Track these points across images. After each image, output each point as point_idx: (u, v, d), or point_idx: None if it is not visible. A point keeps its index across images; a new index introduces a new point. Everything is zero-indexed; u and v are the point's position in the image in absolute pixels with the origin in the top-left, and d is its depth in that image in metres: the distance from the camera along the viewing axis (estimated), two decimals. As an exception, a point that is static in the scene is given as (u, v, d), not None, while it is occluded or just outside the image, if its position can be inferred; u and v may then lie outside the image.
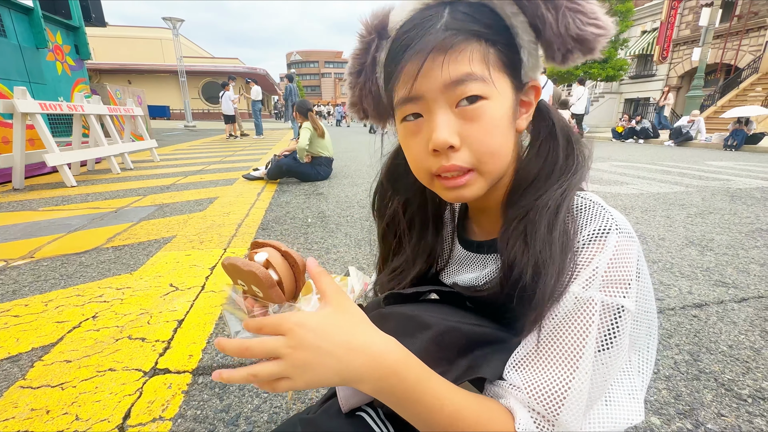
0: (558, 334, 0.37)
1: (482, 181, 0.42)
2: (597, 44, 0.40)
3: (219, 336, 1.26)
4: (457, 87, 0.38)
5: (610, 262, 0.37)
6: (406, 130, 0.43)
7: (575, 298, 0.37)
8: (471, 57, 0.38)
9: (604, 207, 0.40)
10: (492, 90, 0.39)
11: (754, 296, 1.58)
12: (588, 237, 0.38)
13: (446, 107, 0.39)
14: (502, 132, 0.40)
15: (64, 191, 3.53)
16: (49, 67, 4.74)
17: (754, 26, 14.48)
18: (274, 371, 0.34)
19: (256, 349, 0.34)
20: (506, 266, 0.41)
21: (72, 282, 1.65)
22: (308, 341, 0.34)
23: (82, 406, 0.95)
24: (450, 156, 0.40)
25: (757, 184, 4.12)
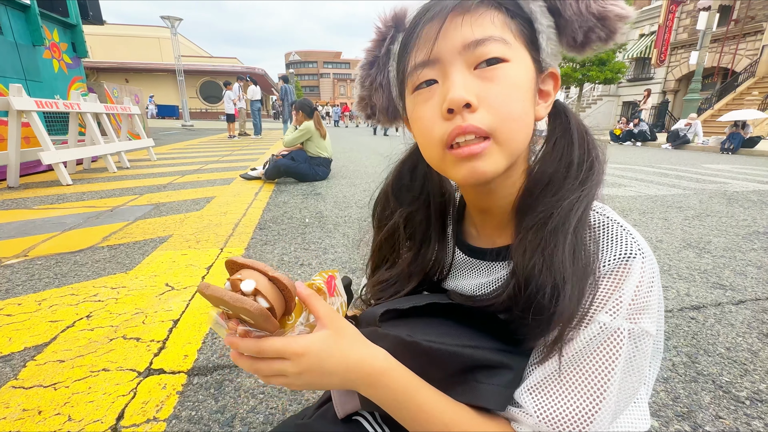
0: (582, 363, 0.36)
1: (500, 154, 0.38)
2: (618, 25, 0.38)
3: (216, 337, 1.25)
4: (477, 48, 0.36)
5: (637, 290, 0.35)
6: (418, 98, 0.40)
7: (602, 326, 0.35)
8: (493, 20, 0.37)
9: (623, 227, 0.38)
10: (514, 53, 0.37)
11: (751, 299, 1.59)
12: (613, 262, 0.36)
13: (464, 68, 0.37)
14: (523, 99, 0.38)
15: (60, 189, 3.50)
16: (45, 65, 4.70)
17: (750, 30, 14.59)
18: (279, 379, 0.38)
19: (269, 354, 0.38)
20: (521, 280, 0.39)
21: (66, 281, 1.63)
22: (312, 366, 0.37)
23: (75, 406, 0.94)
24: (466, 116, 0.36)
25: (753, 187, 4.14)
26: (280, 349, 0.37)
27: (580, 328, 0.36)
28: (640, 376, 0.37)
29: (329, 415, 0.50)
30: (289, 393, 1.02)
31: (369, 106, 0.51)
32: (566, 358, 0.36)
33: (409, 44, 0.40)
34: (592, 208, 0.40)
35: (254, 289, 0.37)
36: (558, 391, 0.37)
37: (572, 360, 0.36)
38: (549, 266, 0.37)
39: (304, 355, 0.37)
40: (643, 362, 0.37)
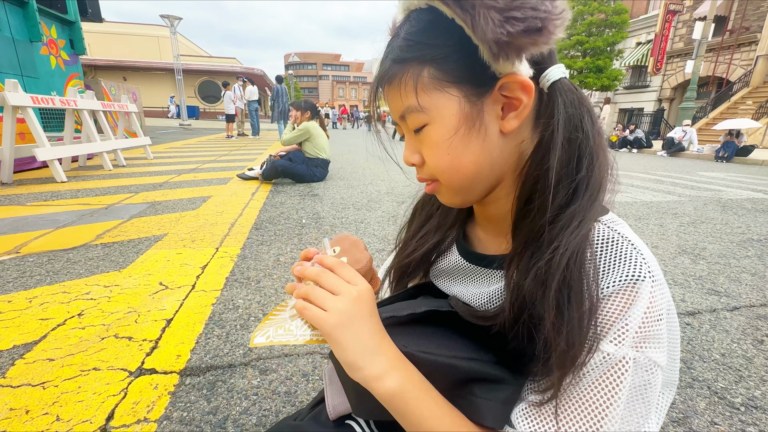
0: (582, 392, 0.34)
1: (449, 191, 0.44)
2: (527, 41, 0.32)
3: (209, 337, 1.24)
4: (404, 120, 0.41)
5: (645, 317, 0.33)
6: None
7: (605, 355, 0.33)
8: (402, 90, 0.39)
9: (633, 243, 0.35)
10: (430, 114, 0.39)
11: (745, 305, 1.59)
12: (618, 284, 0.33)
13: (408, 131, 0.43)
14: (450, 150, 0.39)
15: (54, 186, 3.47)
16: (42, 61, 4.67)
17: (745, 41, 14.79)
18: (328, 298, 0.38)
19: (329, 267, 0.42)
20: (515, 304, 0.38)
21: (58, 278, 1.61)
22: (366, 307, 0.39)
23: (64, 406, 0.92)
24: (418, 170, 0.45)
25: (747, 195, 4.17)
26: (351, 277, 0.41)
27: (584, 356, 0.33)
28: (647, 408, 0.35)
29: (322, 418, 0.49)
30: (282, 394, 1.01)
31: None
32: (566, 384, 0.34)
33: None
34: (598, 220, 0.37)
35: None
36: (554, 419, 0.35)
37: (572, 388, 0.34)
38: (541, 295, 0.35)
39: (364, 291, 0.40)
40: (650, 394, 0.34)
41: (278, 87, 9.69)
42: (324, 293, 0.39)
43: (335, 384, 0.49)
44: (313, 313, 0.38)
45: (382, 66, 0.41)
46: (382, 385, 0.37)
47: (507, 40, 0.32)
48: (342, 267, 0.41)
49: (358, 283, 0.40)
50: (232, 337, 1.25)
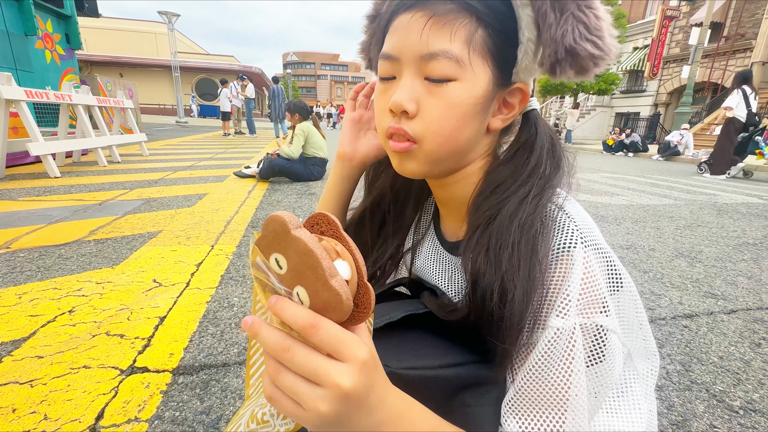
0: (543, 371, 0.34)
1: (424, 158, 0.40)
2: (590, 64, 0.36)
3: (203, 335, 1.21)
4: (430, 61, 0.36)
5: (583, 283, 0.34)
6: (379, 87, 0.42)
7: (555, 330, 0.34)
8: (454, 32, 0.35)
9: (567, 214, 0.37)
10: (464, 72, 0.37)
11: (742, 308, 1.59)
12: (554, 253, 0.35)
13: (415, 74, 0.38)
14: (460, 117, 0.38)
15: (47, 182, 3.42)
16: (37, 55, 4.61)
17: (740, 48, 14.93)
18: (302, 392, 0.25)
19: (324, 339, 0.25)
20: (471, 284, 0.38)
21: (49, 274, 1.58)
22: (362, 387, 0.26)
23: (52, 404, 0.89)
24: (402, 120, 0.39)
25: (742, 200, 4.20)
26: (344, 339, 0.25)
27: (537, 334, 0.35)
28: (611, 373, 0.36)
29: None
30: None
31: (368, 59, 0.51)
32: (528, 368, 0.35)
33: (390, 19, 0.40)
34: (551, 201, 0.39)
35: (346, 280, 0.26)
36: (527, 406, 0.35)
37: (533, 370, 0.35)
38: (493, 266, 0.36)
39: (366, 362, 0.26)
40: (612, 360, 0.35)
41: (275, 87, 9.69)
42: (295, 382, 0.25)
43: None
44: (289, 411, 0.26)
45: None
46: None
47: (581, 54, 0.35)
48: (320, 333, 0.25)
49: (348, 355, 0.25)
50: (227, 335, 1.23)
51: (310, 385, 0.25)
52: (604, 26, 0.36)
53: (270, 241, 0.26)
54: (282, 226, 0.25)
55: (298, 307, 0.25)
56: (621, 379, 0.41)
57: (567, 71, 0.37)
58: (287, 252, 0.25)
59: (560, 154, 0.42)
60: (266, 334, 0.25)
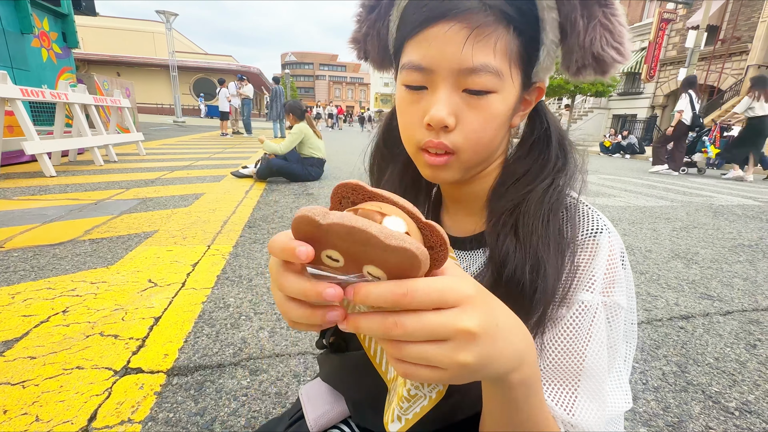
0: (568, 341, 0.37)
1: (459, 168, 0.41)
2: (611, 69, 0.38)
3: (199, 336, 1.21)
4: (471, 75, 0.36)
5: (608, 264, 0.37)
6: (407, 96, 0.40)
7: (581, 303, 0.37)
8: (496, 45, 0.35)
9: (589, 207, 0.41)
10: (503, 84, 0.37)
11: (738, 310, 1.60)
12: (581, 238, 0.39)
13: (452, 87, 0.37)
14: (498, 126, 0.39)
15: (42, 181, 3.40)
16: (33, 54, 4.58)
17: (736, 51, 15.03)
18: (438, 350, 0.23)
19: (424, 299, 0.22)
20: (498, 262, 0.39)
21: (43, 274, 1.57)
22: (487, 313, 0.25)
23: (44, 406, 0.88)
24: (440, 134, 0.38)
25: (737, 202, 4.23)
26: (443, 288, 0.23)
27: (563, 309, 0.37)
28: (616, 348, 0.39)
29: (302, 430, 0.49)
30: (273, 395, 0.98)
31: (362, 50, 0.49)
32: (555, 338, 0.37)
33: (411, 24, 0.38)
34: (567, 193, 0.41)
35: (405, 232, 0.23)
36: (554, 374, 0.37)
37: (560, 339, 0.37)
38: (523, 246, 0.38)
39: (476, 295, 0.24)
40: (617, 335, 0.39)
41: (276, 88, 9.88)
42: (420, 348, 0.23)
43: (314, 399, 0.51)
44: (429, 377, 0.24)
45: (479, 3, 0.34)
46: (520, 376, 0.28)
47: (606, 61, 0.37)
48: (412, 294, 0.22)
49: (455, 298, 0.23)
50: (222, 336, 1.22)
51: (437, 344, 0.23)
52: (625, 33, 0.37)
53: (308, 241, 0.23)
54: (310, 223, 0.22)
55: (379, 284, 0.23)
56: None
57: (589, 74, 0.40)
58: (332, 243, 0.23)
59: (567, 147, 0.44)
60: (367, 323, 0.24)
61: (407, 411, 0.27)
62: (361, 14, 0.46)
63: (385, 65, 0.49)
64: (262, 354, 1.14)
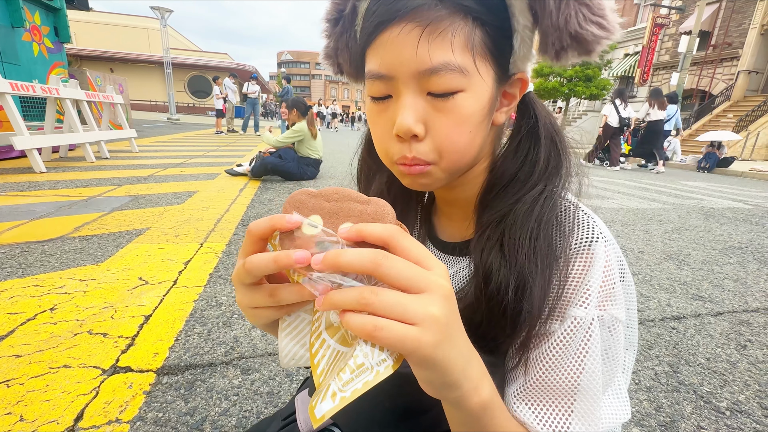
0: (560, 359, 0.35)
1: (441, 174, 0.38)
2: (596, 46, 0.35)
3: (190, 334, 1.19)
4: (432, 77, 0.33)
5: (604, 276, 0.35)
6: (374, 108, 0.39)
7: (574, 319, 0.34)
8: (453, 40, 0.32)
9: (585, 212, 0.38)
10: (470, 81, 0.34)
11: (728, 311, 1.62)
12: (575, 248, 0.36)
13: (416, 93, 0.35)
14: (473, 127, 0.36)
15: (32, 177, 3.34)
16: (24, 48, 4.51)
17: (727, 56, 15.26)
18: (411, 303, 0.24)
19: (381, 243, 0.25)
20: (481, 278, 0.37)
21: (31, 271, 1.53)
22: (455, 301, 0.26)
23: (29, 405, 0.86)
24: (412, 146, 0.36)
25: (728, 205, 4.28)
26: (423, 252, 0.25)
27: (554, 324, 0.35)
28: (615, 364, 0.37)
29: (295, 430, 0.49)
30: (264, 395, 0.97)
31: (336, 65, 0.47)
32: (546, 355, 0.35)
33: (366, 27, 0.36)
34: (560, 196, 0.39)
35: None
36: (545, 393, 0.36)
37: (551, 357, 0.35)
38: (508, 263, 0.36)
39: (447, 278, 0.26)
40: (617, 350, 0.36)
41: (287, 87, 10.16)
42: (399, 298, 0.24)
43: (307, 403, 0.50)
44: (398, 333, 0.23)
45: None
46: (478, 396, 0.28)
47: (587, 39, 0.34)
48: (404, 239, 0.25)
49: (433, 264, 0.26)
50: (214, 334, 1.20)
51: (414, 294, 0.24)
52: (605, 4, 0.34)
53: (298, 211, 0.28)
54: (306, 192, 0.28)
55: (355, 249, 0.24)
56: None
57: (572, 56, 0.36)
58: (319, 206, 0.28)
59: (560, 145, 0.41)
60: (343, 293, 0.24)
61: (346, 386, 0.24)
62: (327, 29, 0.44)
63: (360, 78, 0.46)
64: (254, 353, 1.13)
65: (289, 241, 0.27)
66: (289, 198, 0.28)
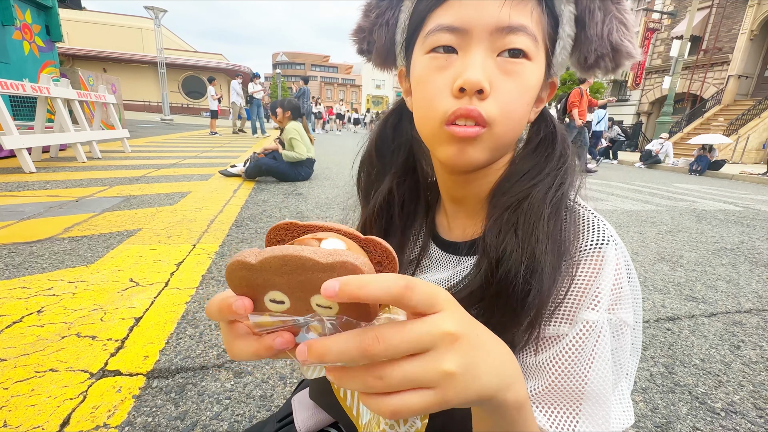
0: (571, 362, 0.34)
1: (489, 145, 0.37)
2: (625, 61, 0.39)
3: (181, 337, 1.16)
4: (509, 35, 0.34)
5: (615, 280, 0.35)
6: (432, 62, 0.36)
7: (586, 323, 0.34)
8: (532, 11, 0.35)
9: (595, 215, 0.39)
10: (537, 53, 0.36)
11: (722, 311, 1.62)
12: (586, 248, 0.36)
13: (488, 51, 0.35)
14: (529, 100, 0.37)
15: (21, 177, 3.28)
16: (14, 46, 4.45)
17: (718, 61, 15.49)
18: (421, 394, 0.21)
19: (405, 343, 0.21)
20: (493, 260, 0.37)
21: (18, 273, 1.50)
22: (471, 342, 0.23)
23: (13, 410, 0.84)
24: (474, 101, 0.35)
25: (720, 207, 4.33)
26: (424, 331, 0.21)
27: (564, 326, 0.34)
28: (620, 368, 0.36)
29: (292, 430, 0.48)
30: (257, 398, 0.95)
31: (366, 41, 0.45)
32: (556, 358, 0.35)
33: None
34: (568, 196, 0.40)
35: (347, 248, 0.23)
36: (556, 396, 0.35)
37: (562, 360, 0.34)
38: (522, 245, 0.35)
39: (459, 331, 0.22)
40: (623, 354, 0.36)
41: (304, 88, 9.98)
42: (405, 371, 0.21)
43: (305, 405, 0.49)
44: (418, 405, 0.21)
45: None
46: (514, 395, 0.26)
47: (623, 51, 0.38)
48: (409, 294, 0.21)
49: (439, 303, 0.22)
50: (206, 337, 1.18)
51: (419, 357, 0.21)
52: (633, 31, 0.38)
53: (247, 290, 0.22)
54: (243, 267, 0.21)
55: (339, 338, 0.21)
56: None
57: (605, 67, 0.39)
58: (271, 282, 0.21)
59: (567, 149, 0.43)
60: (338, 345, 0.20)
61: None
62: (371, 3, 0.44)
63: (389, 61, 0.47)
64: (247, 356, 1.11)
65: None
66: (228, 274, 0.22)
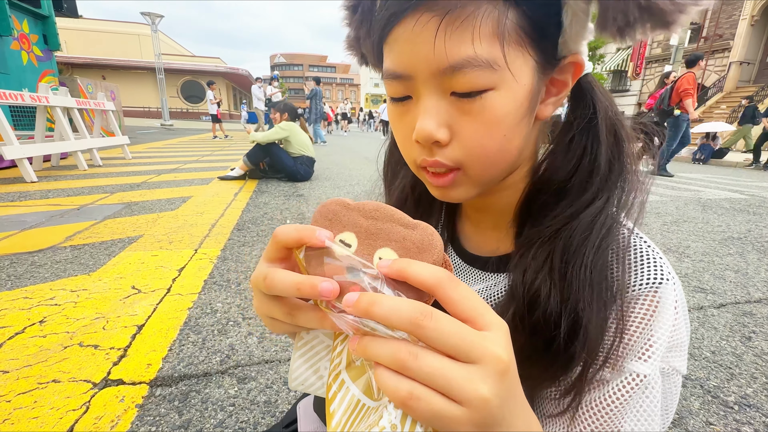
0: (615, 415, 0.30)
1: (471, 184, 0.33)
2: (677, 16, 0.27)
3: (184, 343, 1.16)
4: (453, 75, 0.28)
5: (673, 326, 0.30)
6: (393, 109, 0.35)
7: (636, 376, 0.30)
8: (478, 29, 0.27)
9: (649, 244, 0.33)
10: (502, 76, 0.28)
11: (731, 302, 1.60)
12: (640, 287, 0.31)
13: (439, 92, 0.30)
14: (508, 130, 0.30)
15: (23, 187, 3.29)
16: (13, 56, 4.45)
17: (719, 48, 15.35)
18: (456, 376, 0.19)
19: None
20: (524, 305, 0.32)
21: (20, 283, 1.50)
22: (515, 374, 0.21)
23: (16, 423, 0.83)
24: (434, 151, 0.31)
25: (725, 195, 4.28)
26: (477, 341, 0.20)
27: (607, 373, 0.30)
28: (667, 415, 0.33)
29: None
30: (262, 404, 0.94)
31: (360, 54, 0.43)
32: (598, 407, 0.31)
33: (380, 19, 0.31)
34: (620, 223, 0.33)
35: None
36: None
37: (604, 410, 0.31)
38: (560, 292, 0.30)
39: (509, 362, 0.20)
40: (671, 402, 0.32)
41: (316, 89, 9.69)
42: (443, 366, 0.19)
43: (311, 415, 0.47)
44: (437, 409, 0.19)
45: None
46: None
47: (665, 9, 0.26)
48: (455, 288, 0.21)
49: (489, 322, 0.21)
50: (209, 343, 1.17)
51: (463, 364, 0.19)
52: None
53: (327, 225, 0.25)
54: (340, 203, 0.25)
55: (394, 300, 0.20)
56: None
57: (641, 32, 0.28)
58: (353, 223, 0.24)
59: (623, 145, 0.33)
60: (391, 302, 0.20)
61: None
62: (348, 16, 0.39)
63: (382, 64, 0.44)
64: (250, 361, 1.10)
65: (316, 261, 0.24)
66: (321, 207, 0.25)
